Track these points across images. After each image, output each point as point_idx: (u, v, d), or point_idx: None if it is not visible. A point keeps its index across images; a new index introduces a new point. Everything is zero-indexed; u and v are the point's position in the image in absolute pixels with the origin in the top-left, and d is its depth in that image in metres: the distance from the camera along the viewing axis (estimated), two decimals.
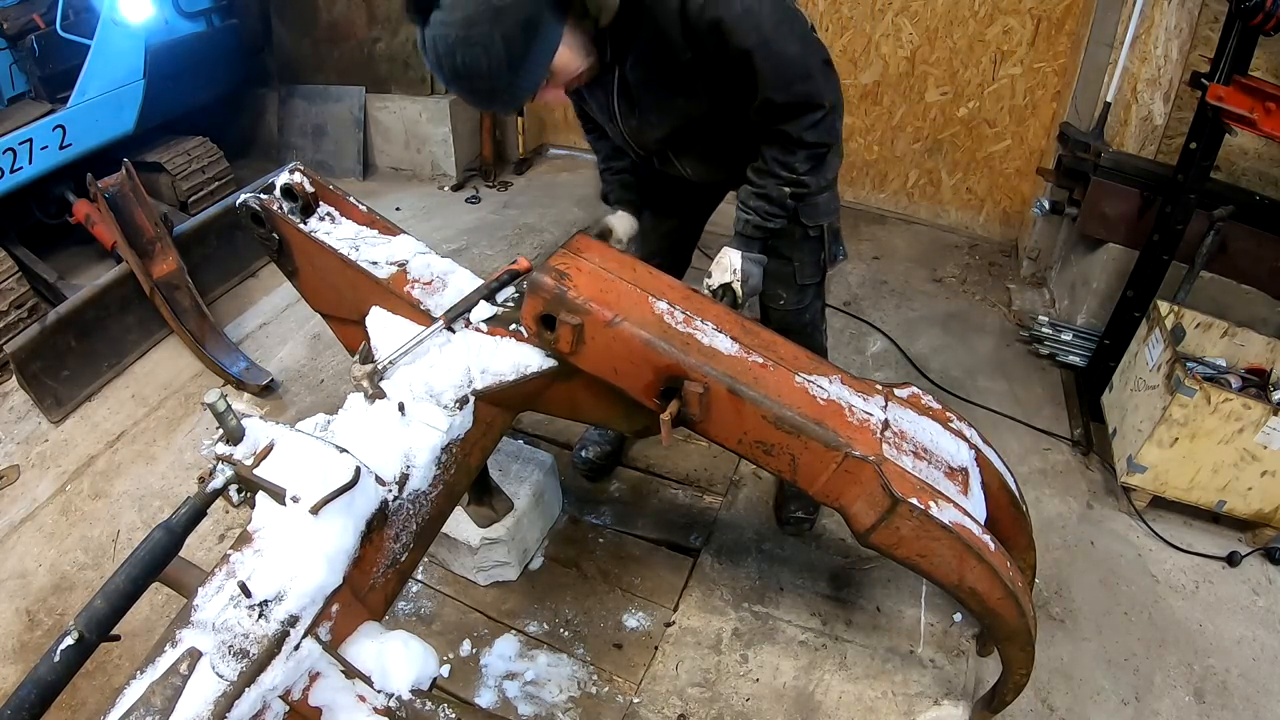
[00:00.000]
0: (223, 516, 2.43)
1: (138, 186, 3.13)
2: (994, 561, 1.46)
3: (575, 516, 2.45)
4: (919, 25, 3.64)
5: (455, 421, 1.53)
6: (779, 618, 2.15)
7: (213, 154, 3.98)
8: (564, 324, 1.50)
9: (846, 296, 3.52)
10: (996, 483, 1.65)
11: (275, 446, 1.27)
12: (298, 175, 1.83)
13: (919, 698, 1.96)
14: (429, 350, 1.61)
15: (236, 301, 3.47)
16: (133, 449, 2.74)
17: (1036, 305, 3.42)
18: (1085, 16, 3.23)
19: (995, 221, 3.98)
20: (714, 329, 1.58)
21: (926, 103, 3.81)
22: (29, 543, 2.43)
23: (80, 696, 1.98)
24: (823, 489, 1.53)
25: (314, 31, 4.41)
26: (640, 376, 1.53)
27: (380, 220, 1.90)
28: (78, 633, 1.09)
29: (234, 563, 1.21)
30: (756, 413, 1.48)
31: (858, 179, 4.22)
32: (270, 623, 1.13)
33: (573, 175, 4.71)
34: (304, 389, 3.00)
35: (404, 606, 2.18)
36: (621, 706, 1.95)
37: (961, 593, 1.52)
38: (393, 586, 1.44)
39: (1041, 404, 2.91)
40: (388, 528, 1.39)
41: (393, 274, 1.77)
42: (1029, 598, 1.56)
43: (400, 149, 4.58)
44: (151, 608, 2.14)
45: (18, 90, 3.42)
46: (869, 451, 1.45)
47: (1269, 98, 2.16)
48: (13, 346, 2.72)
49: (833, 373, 1.62)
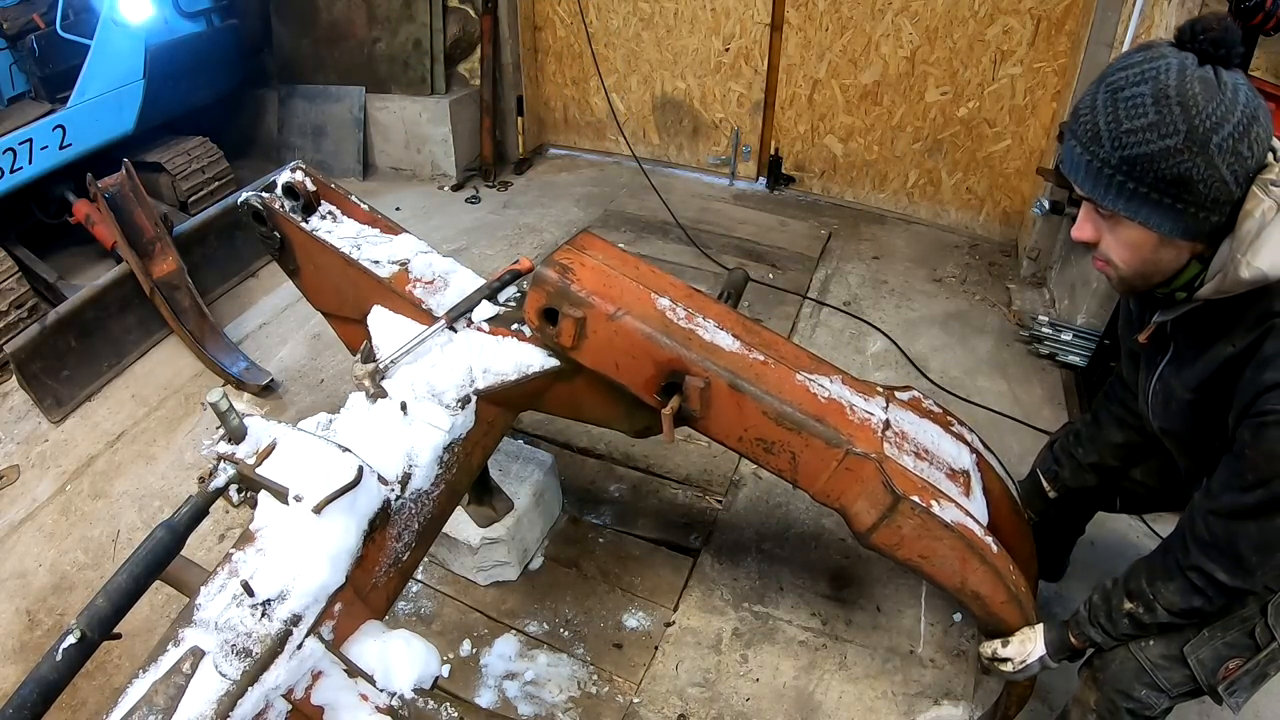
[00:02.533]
0: (223, 516, 2.43)
1: (138, 186, 3.13)
2: (997, 564, 1.46)
3: (575, 516, 2.45)
4: (919, 25, 3.64)
5: (457, 421, 1.53)
6: (779, 618, 2.15)
7: (213, 154, 3.99)
8: (566, 317, 1.50)
9: (846, 296, 3.52)
10: (998, 489, 1.64)
11: (278, 446, 1.27)
12: (299, 174, 1.83)
13: (919, 698, 1.96)
14: (431, 349, 1.62)
15: (236, 301, 3.47)
16: (133, 449, 2.74)
17: (1036, 305, 3.42)
18: (1085, 16, 3.23)
19: (995, 221, 3.99)
20: (715, 326, 1.58)
21: (926, 103, 3.81)
22: (29, 543, 2.42)
23: (80, 696, 1.98)
24: (823, 488, 1.53)
25: (314, 31, 4.41)
26: (641, 371, 1.53)
27: (382, 219, 1.90)
28: (79, 632, 1.09)
29: (236, 562, 1.21)
30: (757, 409, 1.48)
31: (858, 179, 4.22)
32: (273, 622, 1.13)
33: (572, 175, 4.72)
34: (304, 389, 3.00)
35: (404, 606, 2.18)
36: (621, 706, 1.95)
37: (964, 596, 1.52)
38: (395, 586, 1.44)
39: (1041, 404, 2.91)
40: (390, 527, 1.39)
41: (394, 273, 1.77)
42: (1033, 603, 1.56)
43: (400, 149, 4.58)
44: (152, 607, 2.14)
45: (18, 90, 3.41)
46: (870, 449, 1.45)
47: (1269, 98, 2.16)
48: (13, 346, 2.72)
49: (834, 373, 1.62)
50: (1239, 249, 1.12)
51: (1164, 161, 1.09)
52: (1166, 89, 1.07)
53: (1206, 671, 1.38)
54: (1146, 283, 1.26)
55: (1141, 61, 1.11)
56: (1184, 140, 1.07)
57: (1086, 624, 1.47)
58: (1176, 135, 1.07)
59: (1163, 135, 1.08)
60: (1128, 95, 1.10)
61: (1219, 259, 1.16)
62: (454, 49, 4.45)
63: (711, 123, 4.44)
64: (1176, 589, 1.32)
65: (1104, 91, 1.14)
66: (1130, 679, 1.45)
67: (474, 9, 4.31)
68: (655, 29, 4.27)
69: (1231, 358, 1.22)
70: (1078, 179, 1.20)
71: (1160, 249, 1.19)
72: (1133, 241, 1.20)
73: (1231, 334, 1.22)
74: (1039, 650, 1.54)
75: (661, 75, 4.40)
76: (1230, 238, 1.14)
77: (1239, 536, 1.22)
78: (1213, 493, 1.26)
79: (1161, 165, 1.09)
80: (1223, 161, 1.08)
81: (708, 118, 4.43)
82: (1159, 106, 1.08)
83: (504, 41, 4.40)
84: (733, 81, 4.24)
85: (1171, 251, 1.20)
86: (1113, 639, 1.45)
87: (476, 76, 4.48)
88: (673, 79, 4.39)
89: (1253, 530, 1.21)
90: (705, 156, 4.56)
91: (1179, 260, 1.21)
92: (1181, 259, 1.21)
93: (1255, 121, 1.09)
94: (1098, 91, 1.15)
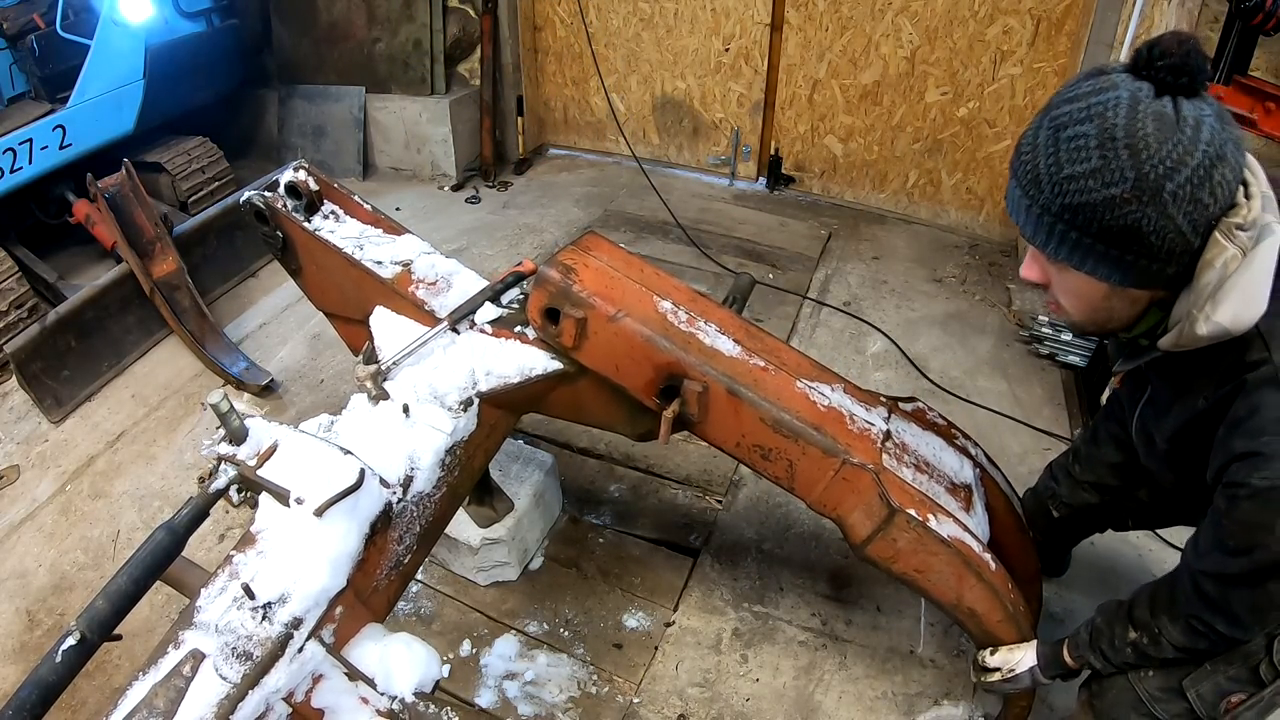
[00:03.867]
0: (223, 517, 2.43)
1: (138, 186, 3.13)
2: (994, 581, 1.44)
3: (575, 516, 2.45)
4: (919, 25, 3.64)
5: (460, 423, 1.53)
6: (779, 618, 2.16)
7: (213, 154, 3.99)
8: (568, 317, 1.50)
9: (846, 297, 3.52)
10: (1002, 505, 1.63)
11: (279, 447, 1.27)
12: (302, 173, 1.83)
13: (919, 698, 1.96)
14: (433, 351, 1.62)
15: (236, 301, 3.47)
16: (133, 449, 2.74)
17: (1036, 305, 3.42)
18: (1085, 16, 3.23)
19: (995, 221, 3.99)
20: (717, 330, 1.58)
21: (926, 103, 3.81)
22: (29, 543, 2.42)
23: (80, 696, 1.98)
24: (820, 498, 1.52)
25: (314, 31, 4.40)
26: (640, 373, 1.53)
27: (385, 219, 1.90)
28: (79, 633, 1.09)
29: (237, 564, 1.21)
30: (755, 415, 1.48)
31: (858, 179, 4.22)
32: (274, 625, 1.13)
33: (572, 175, 4.71)
34: (304, 389, 3.00)
35: (404, 607, 2.18)
36: (621, 706, 1.95)
37: (960, 613, 1.51)
38: (396, 588, 1.44)
39: (1041, 404, 2.91)
40: (391, 530, 1.39)
41: (397, 274, 1.77)
42: (1031, 622, 1.54)
43: (400, 149, 4.57)
44: (151, 608, 2.14)
45: (18, 90, 3.41)
46: (868, 460, 1.44)
47: (1269, 98, 2.17)
48: (13, 346, 2.72)
49: (836, 381, 1.61)
50: (1196, 303, 1.02)
51: (1109, 212, 0.98)
52: (1113, 129, 0.95)
53: (1206, 705, 1.32)
54: (1101, 329, 1.19)
55: (1089, 93, 0.99)
56: (1131, 189, 0.95)
57: (1086, 648, 1.40)
58: (1123, 183, 0.95)
59: (1106, 184, 0.96)
60: (1070, 135, 0.98)
61: (1179, 309, 1.06)
62: (454, 49, 4.45)
63: (711, 123, 4.43)
64: (1180, 631, 1.26)
65: (1046, 128, 1.03)
66: (1127, 709, 1.41)
67: (474, 9, 4.31)
68: (655, 29, 4.27)
69: (1204, 412, 1.13)
70: (1019, 223, 1.11)
71: (1111, 298, 1.10)
72: (1080, 291, 1.11)
73: (1202, 386, 1.13)
74: (1028, 662, 1.48)
75: (661, 75, 4.40)
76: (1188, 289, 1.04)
77: (1231, 599, 1.17)
78: (1200, 552, 1.21)
79: (1106, 216, 0.98)
80: (1178, 210, 0.96)
81: (708, 118, 4.43)
82: (1104, 150, 0.96)
83: (504, 41, 4.40)
84: (733, 81, 4.24)
85: (1124, 300, 1.10)
86: (1113, 666, 1.38)
87: (476, 76, 4.47)
88: (673, 79, 4.38)
89: (1245, 594, 1.15)
90: (705, 156, 4.56)
91: (1134, 308, 1.12)
92: (1138, 307, 1.12)
93: (1220, 162, 0.95)
94: (1040, 127, 1.04)
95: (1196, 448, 1.17)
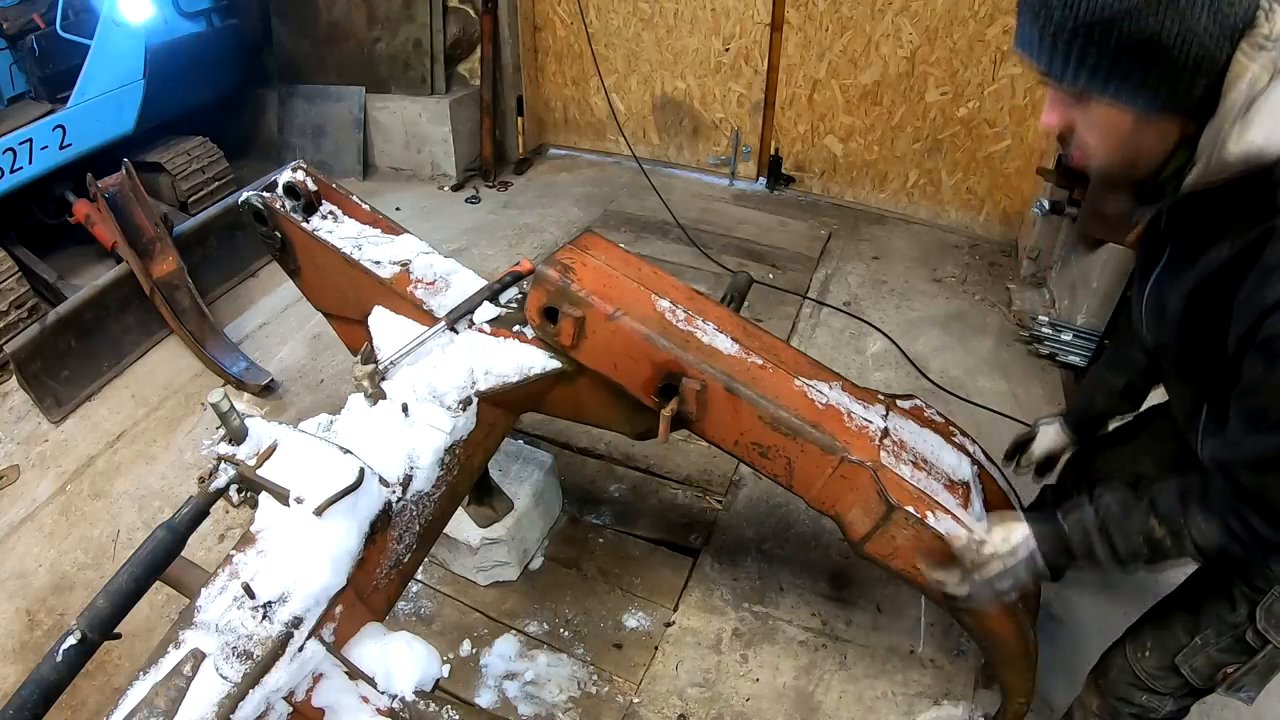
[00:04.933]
0: (223, 516, 2.43)
1: (138, 186, 3.13)
2: None
3: (575, 516, 2.45)
4: (919, 25, 3.64)
5: (459, 423, 1.53)
6: (779, 618, 2.16)
7: (213, 154, 3.99)
8: (566, 316, 1.50)
9: (846, 296, 3.52)
10: (1000, 502, 1.63)
11: (279, 447, 1.27)
12: (301, 173, 1.83)
13: (919, 698, 1.97)
14: (432, 351, 1.62)
15: (236, 301, 3.47)
16: (133, 449, 2.74)
17: (1036, 305, 3.42)
18: None
19: (995, 221, 3.99)
20: (715, 329, 1.58)
21: (926, 103, 3.81)
22: (29, 543, 2.43)
23: (80, 696, 1.98)
24: (818, 495, 1.53)
25: (314, 31, 4.41)
26: (639, 372, 1.53)
27: (383, 219, 1.90)
28: (80, 632, 1.09)
29: (237, 564, 1.21)
30: (753, 413, 1.48)
31: (858, 179, 4.22)
32: (274, 624, 1.13)
33: (572, 175, 4.71)
34: (304, 389, 3.00)
35: (404, 606, 2.18)
36: (621, 706, 1.95)
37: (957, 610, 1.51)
38: (395, 587, 1.44)
39: (1041, 404, 2.91)
40: (391, 529, 1.39)
41: (396, 274, 1.77)
42: (1030, 620, 1.54)
43: (400, 149, 4.58)
44: (152, 607, 2.14)
45: (18, 90, 3.42)
46: (866, 457, 1.44)
47: None
48: (13, 346, 2.72)
49: (834, 379, 1.62)
50: (1226, 120, 0.94)
51: (1126, 23, 0.91)
52: None
53: (1202, 678, 1.32)
54: (1131, 173, 1.10)
55: None
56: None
57: (1094, 529, 1.22)
58: None
59: None
60: None
61: (1205, 139, 0.98)
62: (454, 49, 4.45)
63: (711, 123, 4.44)
64: (1215, 530, 1.11)
65: None
66: (1129, 687, 1.43)
67: (474, 9, 4.31)
68: (655, 29, 4.27)
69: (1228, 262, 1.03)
70: (1031, 54, 1.04)
71: (1140, 129, 1.02)
72: (1106, 123, 1.04)
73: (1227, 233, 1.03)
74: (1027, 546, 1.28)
75: (661, 75, 4.40)
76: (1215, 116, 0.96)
77: (1270, 488, 1.04)
78: (1233, 440, 1.08)
79: (1124, 28, 0.92)
80: (1197, 17, 0.90)
81: (708, 118, 4.43)
82: None
83: (504, 41, 4.40)
84: (733, 81, 4.24)
85: (1154, 132, 1.02)
86: (1117, 559, 1.20)
87: (476, 76, 4.48)
88: (673, 79, 4.39)
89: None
90: (705, 156, 4.56)
91: (1165, 143, 1.04)
92: (1168, 142, 1.04)
93: None
94: None
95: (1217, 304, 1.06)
